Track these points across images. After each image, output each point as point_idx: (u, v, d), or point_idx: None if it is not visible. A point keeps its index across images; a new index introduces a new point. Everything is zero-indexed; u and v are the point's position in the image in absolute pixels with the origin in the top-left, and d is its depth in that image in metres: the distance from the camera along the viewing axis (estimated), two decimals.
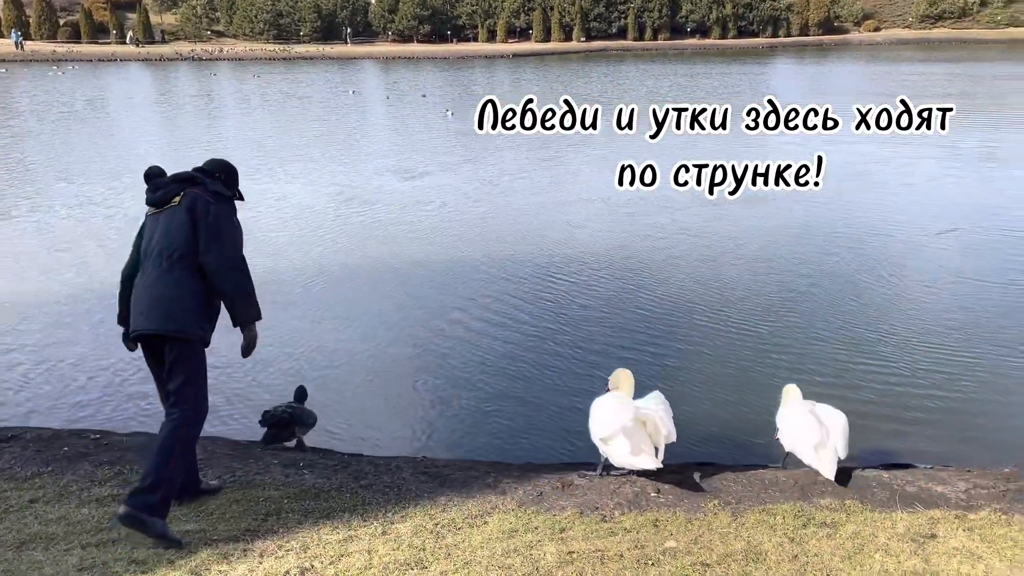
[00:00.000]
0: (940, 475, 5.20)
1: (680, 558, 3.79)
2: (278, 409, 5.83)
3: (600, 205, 14.50)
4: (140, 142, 22.98)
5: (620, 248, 11.64)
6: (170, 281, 4.16)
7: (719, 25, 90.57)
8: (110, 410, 6.88)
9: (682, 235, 12.29)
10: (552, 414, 6.66)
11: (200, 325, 4.24)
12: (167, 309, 4.15)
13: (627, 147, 20.45)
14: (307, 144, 22.43)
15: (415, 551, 3.92)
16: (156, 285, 4.18)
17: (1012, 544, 3.94)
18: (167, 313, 4.14)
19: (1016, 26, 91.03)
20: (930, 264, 10.65)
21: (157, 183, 4.39)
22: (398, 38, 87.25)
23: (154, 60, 66.64)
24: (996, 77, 43.68)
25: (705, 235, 12.25)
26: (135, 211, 13.81)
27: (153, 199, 4.35)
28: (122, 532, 4.00)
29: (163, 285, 4.16)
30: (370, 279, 10.39)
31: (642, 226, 12.88)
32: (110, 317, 8.86)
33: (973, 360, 7.56)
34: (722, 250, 11.46)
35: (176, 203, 4.27)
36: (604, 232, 12.63)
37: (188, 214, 4.22)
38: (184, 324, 4.17)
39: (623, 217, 13.55)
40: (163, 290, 4.16)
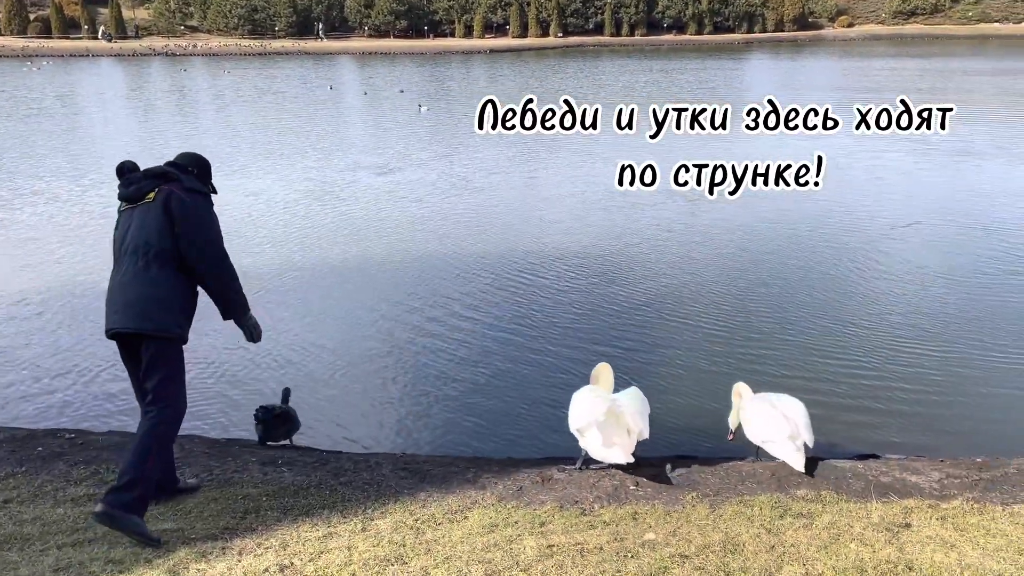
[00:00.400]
0: (914, 465, 5.27)
1: (659, 550, 3.81)
2: (274, 407, 5.84)
3: (574, 201, 14.54)
4: (110, 138, 22.72)
5: (595, 244, 11.69)
6: (147, 279, 4.11)
7: (695, 21, 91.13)
8: (85, 410, 6.81)
9: (657, 232, 12.36)
10: (531, 409, 6.68)
11: (178, 323, 4.19)
12: (144, 307, 4.09)
13: (605, 144, 20.52)
14: (280, 139, 22.30)
15: (395, 547, 3.91)
16: (133, 283, 4.12)
17: (984, 532, 4.00)
18: (144, 311, 4.09)
19: (986, 22, 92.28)
20: (899, 258, 10.78)
21: (130, 178, 4.30)
22: (374, 33, 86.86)
23: (127, 56, 65.86)
24: (966, 72, 44.29)
25: (679, 232, 12.33)
26: (106, 207, 13.67)
27: (126, 194, 4.27)
28: (99, 531, 3.97)
29: (140, 283, 4.11)
30: (345, 275, 10.36)
31: (617, 222, 12.94)
32: (83, 315, 8.80)
33: (946, 352, 7.67)
34: (696, 246, 11.53)
35: (151, 199, 4.19)
36: (580, 228, 12.67)
37: (164, 211, 4.15)
38: (162, 322, 4.12)
39: (598, 213, 13.59)
40: (140, 288, 4.10)
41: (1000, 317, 8.52)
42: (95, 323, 8.62)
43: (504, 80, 43.44)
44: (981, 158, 18.23)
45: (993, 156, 18.55)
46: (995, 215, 12.99)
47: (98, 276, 10.20)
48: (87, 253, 11.31)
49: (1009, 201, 14.01)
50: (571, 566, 3.63)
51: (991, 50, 68.70)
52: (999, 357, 7.53)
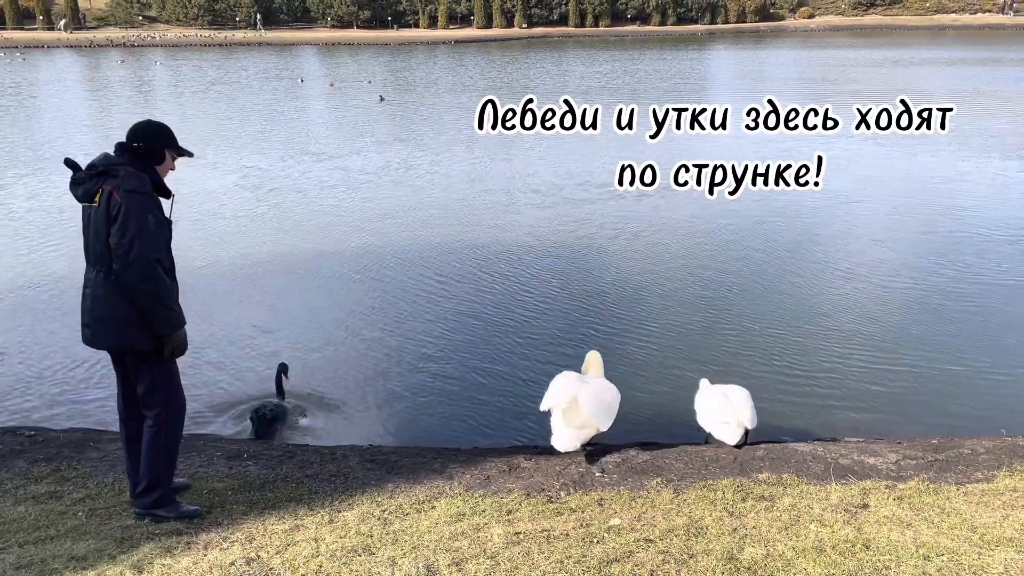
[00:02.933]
0: (872, 447, 5.39)
1: (624, 535, 3.87)
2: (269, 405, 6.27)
3: (538, 196, 14.57)
4: (61, 130, 22.30)
5: (562, 235, 11.73)
6: (105, 295, 3.94)
7: (658, 12, 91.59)
8: (44, 407, 6.68)
9: (621, 224, 12.44)
10: (498, 399, 6.70)
11: (145, 336, 4.01)
12: (113, 326, 3.97)
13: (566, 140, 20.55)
14: (244, 131, 22.03)
15: (362, 538, 3.92)
16: (96, 298, 3.97)
17: (939, 512, 4.11)
18: (114, 330, 3.97)
19: (943, 12, 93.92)
20: (852, 249, 10.97)
21: (77, 177, 4.03)
22: (337, 24, 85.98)
23: (84, 47, 64.56)
24: (913, 63, 45.22)
25: (642, 224, 12.42)
26: (58, 203, 13.43)
27: (78, 196, 4.03)
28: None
29: (102, 300, 3.95)
30: (307, 267, 10.28)
31: (581, 214, 12.99)
32: (38, 312, 8.64)
33: (901, 335, 7.84)
34: (656, 240, 11.63)
35: (96, 202, 3.93)
36: (545, 220, 12.70)
37: (105, 216, 3.90)
38: (129, 339, 4.00)
39: (561, 204, 13.64)
40: (103, 307, 3.95)
41: (952, 301, 8.72)
42: (50, 319, 8.48)
43: (470, 70, 43.37)
44: (940, 150, 18.57)
45: (953, 149, 18.91)
46: (954, 204, 13.27)
47: (48, 271, 10.04)
48: (34, 251, 11.10)
49: (964, 188, 14.32)
50: (538, 552, 3.67)
51: (944, 40, 69.98)
52: (953, 340, 7.72)
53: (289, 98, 31.07)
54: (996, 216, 12.36)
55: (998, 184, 14.73)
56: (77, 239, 4.28)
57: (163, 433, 4.13)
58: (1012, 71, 40.23)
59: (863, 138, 20.00)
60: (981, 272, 9.67)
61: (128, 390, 4.23)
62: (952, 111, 23.47)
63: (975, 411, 6.36)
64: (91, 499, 4.59)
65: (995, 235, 11.28)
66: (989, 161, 16.86)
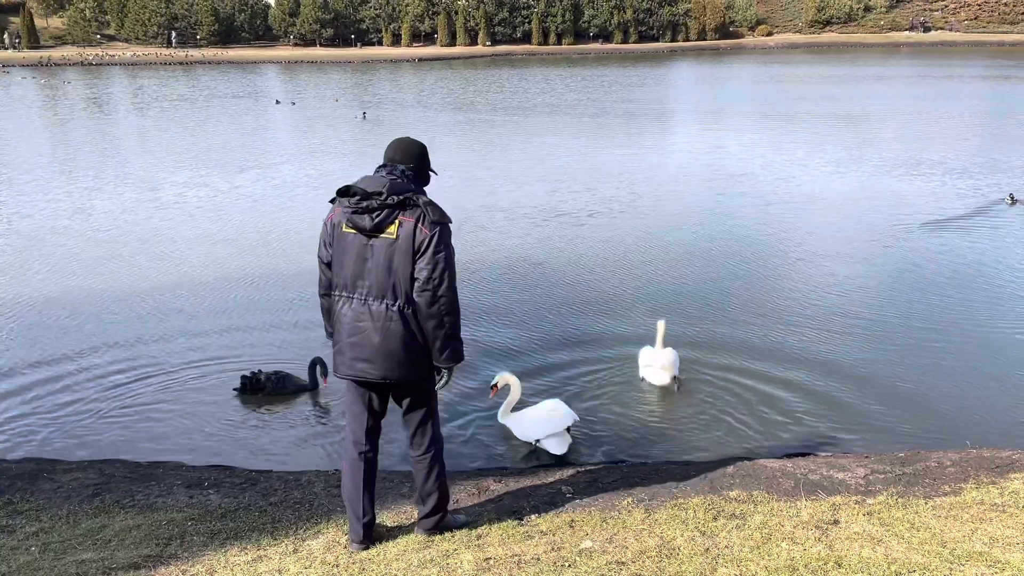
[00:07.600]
0: (840, 462, 5.40)
1: (596, 558, 3.81)
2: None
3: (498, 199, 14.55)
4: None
5: (516, 248, 11.68)
6: (401, 329, 3.82)
7: (621, 30, 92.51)
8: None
9: (567, 243, 12.46)
10: (466, 421, 6.60)
11: (431, 368, 3.99)
12: (399, 361, 3.85)
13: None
14: (210, 151, 21.76)
15: (328, 568, 3.82)
16: (388, 332, 3.81)
17: (909, 526, 4.11)
18: (402, 364, 3.87)
19: (897, 30, 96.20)
20: (819, 263, 11.09)
21: (367, 205, 3.75)
22: (300, 42, 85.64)
23: (41, 66, 63.64)
24: (859, 79, 46.52)
25: (601, 235, 12.44)
26: (14, 223, 13.11)
27: (364, 226, 3.76)
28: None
29: (396, 335, 3.82)
30: (262, 283, 10.10)
31: (521, 223, 12.98)
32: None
33: (865, 349, 7.90)
34: (605, 258, 11.65)
35: (393, 234, 3.75)
36: (505, 232, 12.66)
37: (409, 249, 3.75)
38: (421, 372, 3.96)
39: (502, 211, 13.62)
40: (396, 341, 3.82)
41: (915, 315, 8.82)
42: (3, 346, 8.23)
43: (435, 86, 43.40)
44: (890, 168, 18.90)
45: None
46: (914, 219, 13.48)
47: (8, 294, 9.75)
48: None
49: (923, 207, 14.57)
50: None
51: (897, 57, 71.74)
52: (916, 353, 7.79)
53: (252, 115, 30.80)
54: (971, 234, 12.58)
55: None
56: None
57: (436, 466, 4.15)
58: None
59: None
60: (944, 288, 9.80)
61: (373, 424, 4.12)
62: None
63: (940, 424, 6.40)
64: (44, 533, 4.43)
65: (960, 251, 11.47)
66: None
